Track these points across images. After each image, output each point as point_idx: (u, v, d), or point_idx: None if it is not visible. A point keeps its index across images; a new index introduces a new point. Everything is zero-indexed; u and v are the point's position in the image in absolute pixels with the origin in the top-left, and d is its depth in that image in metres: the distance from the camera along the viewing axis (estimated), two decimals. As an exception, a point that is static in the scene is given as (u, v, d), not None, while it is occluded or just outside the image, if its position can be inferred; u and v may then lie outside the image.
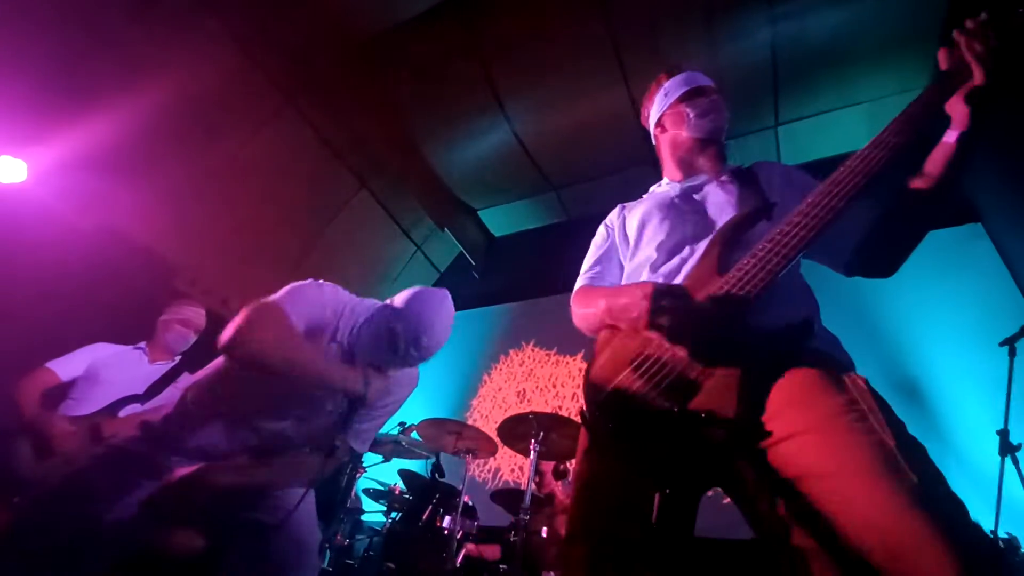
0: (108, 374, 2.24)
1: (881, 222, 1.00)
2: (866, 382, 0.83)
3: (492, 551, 2.78)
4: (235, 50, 3.61)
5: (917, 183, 0.96)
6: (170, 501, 1.28)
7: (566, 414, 3.42)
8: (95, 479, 1.26)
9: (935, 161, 0.95)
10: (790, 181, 1.14)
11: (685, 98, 1.25)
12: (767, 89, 3.77)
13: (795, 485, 0.74)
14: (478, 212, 5.50)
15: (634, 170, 4.34)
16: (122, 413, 2.11)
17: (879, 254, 1.03)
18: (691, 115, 1.23)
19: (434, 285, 5.61)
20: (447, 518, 2.65)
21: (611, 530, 0.86)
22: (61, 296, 3.00)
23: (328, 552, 2.97)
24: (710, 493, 0.83)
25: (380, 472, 3.40)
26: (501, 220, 5.58)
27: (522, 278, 5.18)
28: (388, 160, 4.74)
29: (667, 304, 0.87)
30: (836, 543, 0.67)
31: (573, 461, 3.37)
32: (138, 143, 3.34)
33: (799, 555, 0.72)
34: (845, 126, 3.87)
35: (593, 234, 1.33)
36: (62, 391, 2.18)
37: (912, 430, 0.76)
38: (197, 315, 2.54)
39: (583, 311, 1.13)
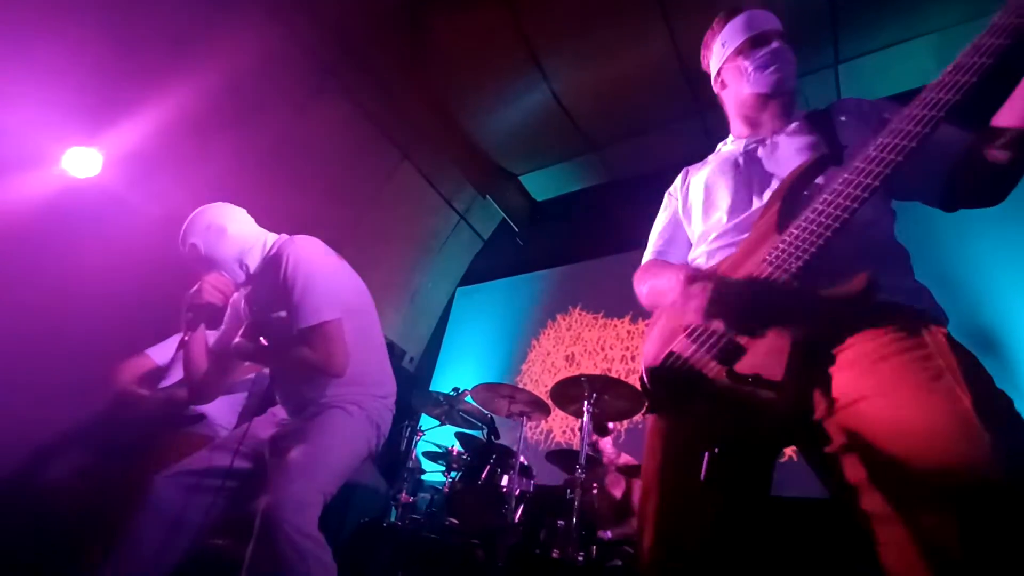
0: None
1: (977, 145, 0.85)
2: (947, 336, 0.77)
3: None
4: (275, 29, 3.66)
5: (1009, 117, 0.80)
6: None
7: (616, 376, 3.43)
8: None
9: None
10: (863, 116, 1.00)
11: (744, 48, 1.13)
12: (825, 24, 3.46)
13: (858, 453, 0.70)
14: (519, 178, 5.45)
15: (679, 125, 4.11)
16: None
17: (981, 179, 0.88)
18: (750, 69, 1.12)
19: (478, 253, 5.57)
20: (505, 477, 2.75)
21: (677, 520, 0.86)
22: (138, 285, 3.15)
23: (395, 509, 3.17)
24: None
25: (437, 435, 3.57)
26: (543, 184, 5.51)
27: (566, 242, 5.15)
28: (428, 130, 4.74)
29: (697, 290, 0.83)
30: (905, 512, 0.64)
31: (616, 423, 3.41)
32: (191, 128, 3.47)
33: (868, 521, 0.69)
34: (911, 60, 3.53)
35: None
36: (160, 374, 2.38)
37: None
38: None
39: (638, 289, 1.13)
